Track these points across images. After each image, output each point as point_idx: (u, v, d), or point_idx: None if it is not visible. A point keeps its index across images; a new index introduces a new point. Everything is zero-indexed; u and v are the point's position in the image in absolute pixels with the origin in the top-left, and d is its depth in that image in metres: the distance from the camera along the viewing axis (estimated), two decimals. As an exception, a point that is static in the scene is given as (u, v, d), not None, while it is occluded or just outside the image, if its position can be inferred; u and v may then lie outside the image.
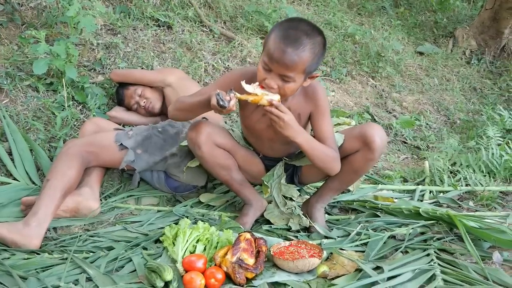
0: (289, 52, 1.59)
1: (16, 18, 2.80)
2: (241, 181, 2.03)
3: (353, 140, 1.90)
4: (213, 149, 1.93)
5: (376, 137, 1.84)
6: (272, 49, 1.61)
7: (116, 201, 2.17)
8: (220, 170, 1.98)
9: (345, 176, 1.96)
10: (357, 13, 4.59)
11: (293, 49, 1.59)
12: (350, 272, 1.71)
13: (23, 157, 2.19)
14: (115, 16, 3.16)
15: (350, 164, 1.92)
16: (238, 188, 2.04)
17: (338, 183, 2.00)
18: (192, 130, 1.92)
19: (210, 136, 1.91)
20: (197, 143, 1.91)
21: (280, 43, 1.60)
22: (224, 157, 1.97)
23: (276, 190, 2.02)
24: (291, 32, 1.61)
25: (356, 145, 1.89)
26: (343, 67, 3.69)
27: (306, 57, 1.62)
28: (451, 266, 1.73)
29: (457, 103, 3.80)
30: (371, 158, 1.88)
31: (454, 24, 4.81)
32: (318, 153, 1.80)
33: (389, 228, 2.01)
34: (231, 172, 2.00)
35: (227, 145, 1.98)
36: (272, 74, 1.65)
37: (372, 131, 1.85)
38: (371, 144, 1.84)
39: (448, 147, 2.98)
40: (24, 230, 1.76)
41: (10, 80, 2.52)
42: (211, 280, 1.61)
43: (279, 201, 2.03)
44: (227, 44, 3.42)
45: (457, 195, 2.47)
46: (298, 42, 1.60)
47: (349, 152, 1.92)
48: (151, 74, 2.65)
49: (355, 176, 1.99)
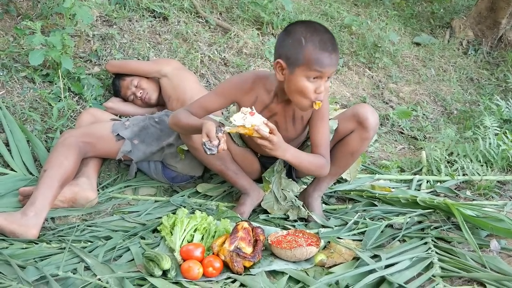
0: (334, 56, 1.67)
1: (11, 10, 2.78)
2: (236, 170, 2.03)
3: (346, 122, 1.94)
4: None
5: (368, 114, 1.89)
6: (320, 59, 1.64)
7: (114, 191, 2.17)
8: (214, 160, 1.96)
9: (341, 159, 1.99)
10: (353, 4, 4.58)
11: (336, 53, 1.68)
12: (347, 260, 1.71)
13: (20, 147, 2.19)
14: (111, 7, 3.14)
15: (346, 145, 1.96)
16: (234, 177, 2.03)
17: (334, 168, 1.99)
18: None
19: None
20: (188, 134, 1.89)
21: (325, 52, 1.65)
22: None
23: (276, 185, 2.03)
24: (327, 38, 1.67)
25: (350, 126, 1.93)
26: (340, 58, 3.67)
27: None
28: (449, 254, 1.74)
29: (454, 93, 3.80)
30: (366, 136, 1.92)
31: (451, 15, 4.80)
32: (306, 164, 1.83)
33: (387, 217, 2.02)
34: (225, 162, 1.98)
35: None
36: (320, 81, 1.68)
37: (364, 110, 1.90)
38: (364, 123, 1.88)
39: (445, 137, 2.99)
40: (22, 220, 1.76)
41: (6, 71, 2.50)
42: (209, 269, 1.62)
43: (279, 195, 2.04)
44: (223, 35, 3.41)
45: (454, 185, 2.47)
46: (335, 43, 1.69)
47: (344, 134, 1.95)
48: (147, 65, 2.64)
49: (351, 159, 2.01)
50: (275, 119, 1.88)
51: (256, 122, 1.63)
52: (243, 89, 1.84)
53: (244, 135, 1.76)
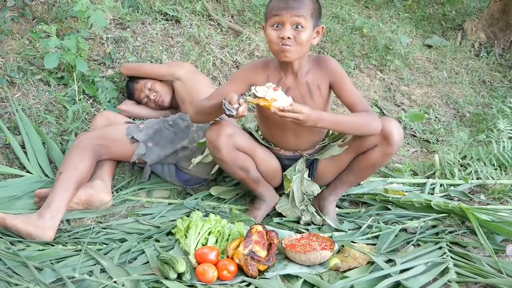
0: (291, 1, 1.72)
1: (27, 13, 2.81)
2: (257, 179, 2.02)
3: (371, 137, 1.90)
4: (233, 152, 1.89)
5: (394, 130, 1.86)
6: (277, 6, 1.73)
7: (128, 194, 2.19)
8: (238, 170, 1.96)
9: (362, 171, 1.98)
10: (364, 6, 4.57)
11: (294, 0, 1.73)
12: (362, 264, 1.71)
13: (36, 150, 2.21)
14: (124, 10, 3.16)
15: (368, 159, 1.94)
16: (254, 186, 2.03)
17: (353, 177, 2.01)
18: (212, 132, 1.88)
19: (230, 139, 1.87)
20: (216, 147, 1.87)
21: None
22: (244, 159, 1.94)
23: (296, 184, 2.01)
24: None
25: (375, 140, 1.90)
26: (351, 60, 3.67)
27: (308, 3, 1.75)
28: (464, 259, 1.72)
29: (466, 96, 3.78)
30: (389, 152, 1.90)
31: (462, 17, 4.77)
32: (348, 125, 1.82)
33: (400, 221, 2.01)
34: (249, 172, 1.98)
35: (247, 146, 1.95)
36: (283, 28, 1.73)
37: (390, 126, 1.87)
38: (389, 139, 1.86)
39: (458, 140, 2.97)
40: (39, 222, 1.78)
41: (22, 74, 2.54)
42: (224, 272, 1.62)
43: (297, 196, 2.01)
44: (235, 38, 3.42)
45: (468, 189, 2.45)
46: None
47: (368, 148, 1.93)
48: (160, 68, 2.66)
49: (371, 171, 2.00)
50: (289, 94, 1.86)
51: (277, 97, 1.65)
52: (255, 71, 1.90)
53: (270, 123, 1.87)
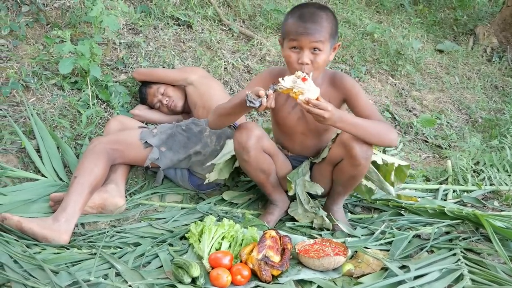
0: (310, 25, 1.74)
1: (41, 18, 2.85)
2: (275, 184, 2.04)
3: (337, 149, 1.89)
4: (260, 153, 1.91)
5: (353, 143, 1.80)
6: (295, 30, 1.74)
7: (141, 198, 2.20)
8: (260, 173, 1.97)
9: (345, 182, 1.96)
10: (375, 11, 4.56)
11: (313, 22, 1.74)
12: (375, 270, 1.71)
13: (51, 154, 2.23)
14: (137, 15, 3.19)
15: (341, 171, 1.92)
16: (270, 190, 2.05)
17: (342, 188, 2.00)
18: (241, 133, 1.88)
19: (259, 140, 1.89)
20: (246, 148, 1.87)
21: (300, 22, 1.74)
22: (268, 162, 1.96)
23: (300, 187, 2.02)
24: (305, 11, 1.77)
25: (340, 153, 1.88)
26: (362, 66, 3.67)
27: (326, 25, 1.76)
28: (479, 266, 1.72)
29: (478, 101, 3.76)
30: (357, 163, 1.84)
31: (474, 21, 4.75)
32: (366, 130, 1.77)
33: (414, 227, 2.01)
34: (269, 176, 2.00)
35: (272, 149, 1.97)
36: (302, 53, 1.75)
37: (349, 137, 1.80)
38: (351, 152, 1.82)
39: (471, 146, 2.96)
40: (54, 225, 1.80)
41: (36, 79, 2.56)
42: (238, 277, 1.62)
43: (303, 198, 2.02)
44: (246, 43, 3.43)
45: (481, 195, 2.44)
46: (315, 15, 1.76)
47: (336, 161, 1.92)
48: (173, 72, 2.68)
49: (354, 181, 1.95)
50: (300, 108, 1.88)
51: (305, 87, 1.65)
52: (272, 78, 1.90)
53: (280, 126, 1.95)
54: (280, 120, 2.00)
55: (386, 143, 1.84)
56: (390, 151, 2.83)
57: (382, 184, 2.02)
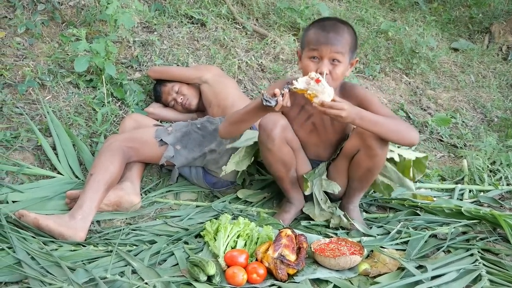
0: (332, 35, 1.76)
1: (56, 17, 2.87)
2: (294, 180, 2.04)
3: (352, 141, 1.88)
4: (283, 144, 1.91)
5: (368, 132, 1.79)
6: (316, 39, 1.76)
7: (156, 196, 2.20)
8: (280, 166, 1.97)
9: (362, 176, 1.94)
10: (389, 9, 4.53)
11: (335, 32, 1.77)
12: (392, 270, 1.69)
13: (67, 151, 2.25)
14: (151, 14, 3.20)
15: (358, 164, 1.90)
16: (288, 187, 2.04)
17: (357, 182, 1.98)
18: (268, 121, 1.88)
19: (284, 130, 1.89)
20: (271, 136, 1.88)
21: (322, 32, 1.78)
22: (290, 156, 1.96)
23: (317, 187, 2.01)
24: (327, 23, 1.81)
25: (356, 144, 1.86)
26: (376, 64, 3.64)
27: (347, 37, 1.79)
28: (497, 267, 1.70)
29: (494, 100, 3.71)
30: (374, 154, 1.84)
31: (490, 20, 4.69)
32: (387, 128, 1.75)
33: (430, 227, 1.99)
34: (289, 170, 1.99)
35: (295, 143, 1.97)
36: (321, 62, 1.75)
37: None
38: (367, 141, 1.81)
39: (487, 145, 2.92)
40: (70, 222, 1.81)
41: (52, 77, 2.58)
42: (253, 275, 1.62)
43: (320, 198, 2.01)
44: (260, 41, 3.43)
45: (498, 195, 2.41)
46: (337, 26, 1.79)
47: (352, 153, 1.90)
48: (188, 71, 2.68)
49: (370, 174, 1.93)
50: (312, 120, 1.94)
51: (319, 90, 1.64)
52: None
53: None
54: (295, 128, 1.98)
55: (407, 141, 1.81)
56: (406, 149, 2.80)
57: (402, 181, 2.00)
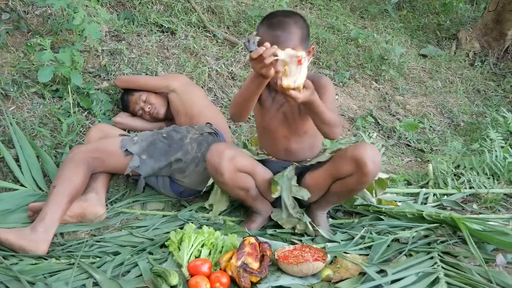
0: (279, 33, 1.75)
1: (22, 26, 2.84)
2: (255, 196, 2.05)
3: (345, 164, 1.88)
4: (235, 174, 1.91)
5: (368, 161, 1.81)
6: (266, 39, 1.69)
7: (122, 207, 2.19)
8: (238, 191, 1.99)
9: (341, 194, 2.00)
10: (360, 17, 4.61)
11: (282, 30, 1.76)
12: (354, 275, 1.72)
13: (30, 163, 2.22)
14: (120, 22, 3.19)
15: (345, 185, 1.93)
16: (252, 203, 2.06)
17: (336, 197, 2.03)
18: (213, 155, 1.88)
19: (232, 162, 1.88)
20: (219, 171, 1.88)
21: (268, 31, 1.76)
22: (245, 180, 1.96)
23: (286, 191, 2.01)
24: (273, 20, 1.79)
25: (350, 169, 1.87)
26: (346, 71, 3.70)
27: (295, 31, 1.78)
28: (455, 269, 1.73)
29: (460, 105, 3.81)
30: (364, 181, 1.88)
31: (457, 26, 4.81)
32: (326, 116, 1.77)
33: (393, 231, 2.02)
34: (248, 191, 2.01)
35: (248, 166, 1.96)
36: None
37: (363, 155, 1.82)
38: (364, 169, 1.82)
39: (452, 150, 2.99)
40: (32, 235, 1.78)
41: (16, 87, 2.55)
42: (216, 284, 1.63)
43: (288, 203, 2.01)
44: (230, 49, 3.45)
45: (461, 198, 2.47)
46: (283, 23, 1.78)
47: (344, 175, 1.91)
48: (155, 80, 2.68)
49: (351, 194, 2.01)
50: (282, 110, 1.96)
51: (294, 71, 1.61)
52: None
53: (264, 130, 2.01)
54: (264, 123, 2.02)
55: (332, 136, 1.86)
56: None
57: (364, 194, 2.09)
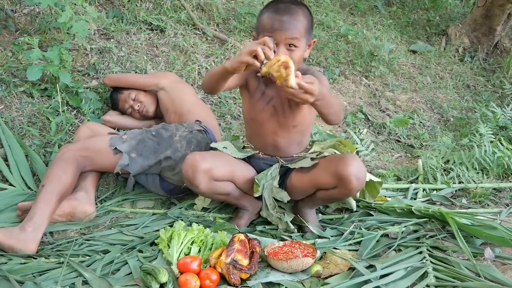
0: (286, 19, 1.71)
1: (9, 25, 2.82)
2: (238, 196, 2.04)
3: (329, 178, 1.86)
4: (211, 184, 1.90)
5: (352, 178, 1.79)
6: (271, 24, 1.71)
7: (112, 205, 2.19)
8: (219, 196, 1.99)
9: (325, 200, 2.05)
10: (349, 13, 4.62)
11: (289, 16, 1.72)
12: (343, 271, 1.72)
13: (19, 162, 2.21)
14: (108, 20, 3.18)
15: (329, 194, 1.93)
16: (236, 202, 2.07)
17: (321, 201, 2.05)
18: (188, 168, 1.86)
19: (207, 174, 1.87)
20: (194, 184, 1.87)
21: (275, 15, 1.73)
22: (223, 187, 1.96)
23: (267, 191, 2.01)
24: (281, 5, 1.75)
25: (333, 183, 1.85)
26: (336, 67, 3.71)
27: (302, 20, 1.75)
28: (443, 263, 1.75)
29: (450, 100, 3.83)
30: (349, 194, 1.90)
31: (446, 22, 4.83)
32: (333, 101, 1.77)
33: (382, 226, 2.03)
34: (229, 194, 2.01)
35: (226, 175, 1.95)
36: (277, 48, 1.71)
37: (348, 172, 1.79)
38: (348, 185, 1.82)
39: (442, 145, 3.01)
40: (21, 235, 1.78)
41: (4, 86, 2.54)
42: (206, 281, 1.63)
43: (269, 203, 2.02)
44: (220, 47, 3.44)
45: (450, 193, 2.48)
46: (291, 9, 1.74)
47: (326, 188, 1.91)
48: (144, 78, 2.67)
49: (335, 201, 2.12)
50: (272, 103, 1.93)
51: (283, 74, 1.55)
52: (251, 72, 1.89)
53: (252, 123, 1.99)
54: (252, 114, 1.98)
55: (337, 122, 1.87)
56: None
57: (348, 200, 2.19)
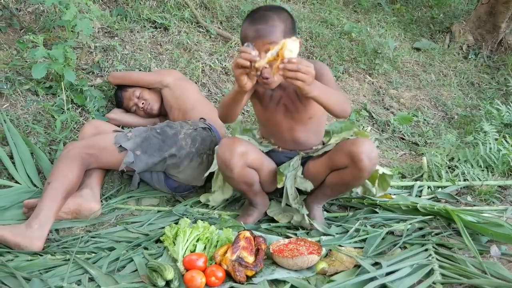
0: (261, 27, 1.72)
1: (14, 23, 2.82)
2: (257, 191, 2.05)
3: (342, 156, 1.88)
4: (244, 170, 1.91)
5: (363, 156, 1.81)
6: (248, 33, 1.73)
7: (117, 202, 2.19)
8: (243, 185, 1.99)
9: (336, 186, 2.00)
10: (353, 11, 4.61)
11: (264, 24, 1.73)
12: (349, 268, 1.72)
13: (24, 160, 2.22)
14: (112, 18, 3.18)
15: (341, 177, 1.93)
16: (252, 197, 2.07)
17: (330, 191, 2.03)
18: (224, 149, 1.88)
19: (243, 157, 1.88)
20: (230, 166, 1.88)
21: (251, 26, 1.74)
22: (252, 176, 1.96)
23: (290, 181, 2.00)
24: (255, 15, 1.77)
25: (345, 162, 1.87)
26: (340, 65, 3.70)
27: (279, 25, 1.74)
28: (449, 261, 1.74)
29: (454, 98, 3.82)
30: (360, 176, 1.88)
31: (450, 19, 4.82)
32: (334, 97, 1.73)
33: (387, 224, 2.03)
34: (252, 186, 2.01)
35: (257, 162, 1.96)
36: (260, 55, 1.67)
37: (359, 150, 1.82)
38: (358, 164, 1.83)
39: (446, 143, 3.00)
40: (27, 232, 1.79)
41: (10, 84, 2.54)
42: (212, 278, 1.63)
43: (290, 193, 2.01)
44: (223, 44, 3.44)
45: (455, 190, 2.48)
46: (265, 16, 1.75)
47: (339, 167, 1.92)
48: (149, 75, 2.67)
49: (345, 188, 2.02)
50: (283, 102, 1.93)
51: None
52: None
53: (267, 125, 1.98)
54: (267, 117, 1.99)
55: (345, 114, 1.81)
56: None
57: (369, 188, 2.13)
